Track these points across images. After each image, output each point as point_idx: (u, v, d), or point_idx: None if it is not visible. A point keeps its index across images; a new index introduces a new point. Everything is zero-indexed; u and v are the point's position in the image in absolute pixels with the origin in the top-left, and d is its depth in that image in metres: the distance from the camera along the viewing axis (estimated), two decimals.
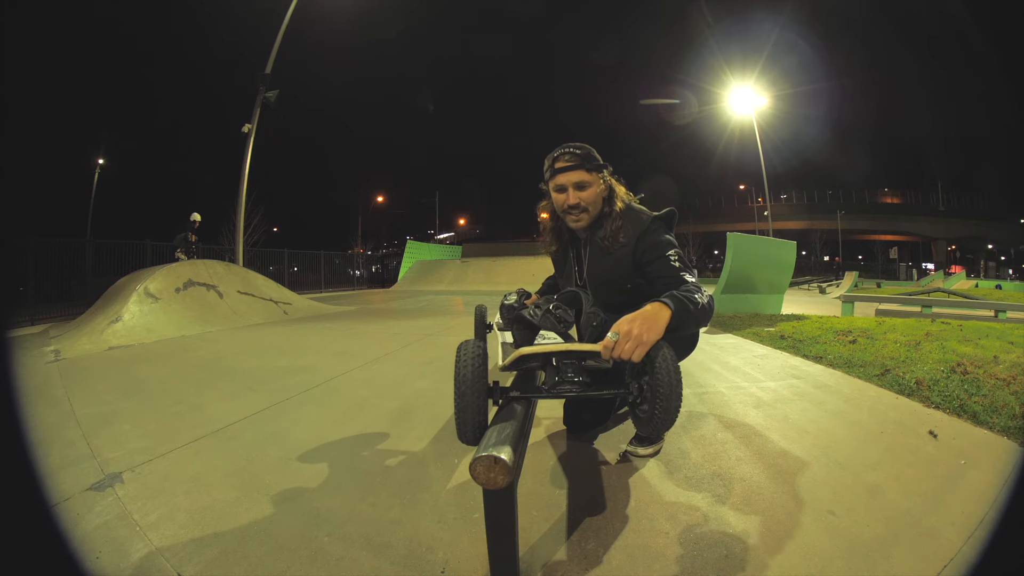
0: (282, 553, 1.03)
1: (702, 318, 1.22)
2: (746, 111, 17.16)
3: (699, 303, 1.20)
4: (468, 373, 0.98)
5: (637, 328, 1.05)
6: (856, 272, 20.79)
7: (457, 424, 0.99)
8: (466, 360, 0.99)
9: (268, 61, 9.33)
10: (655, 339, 1.05)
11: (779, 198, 48.61)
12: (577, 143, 1.45)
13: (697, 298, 1.20)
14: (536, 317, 1.25)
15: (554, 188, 1.48)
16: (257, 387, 2.47)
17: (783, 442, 1.59)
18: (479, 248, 23.59)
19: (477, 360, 1.00)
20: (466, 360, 0.99)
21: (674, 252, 1.38)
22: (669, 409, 0.99)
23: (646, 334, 1.04)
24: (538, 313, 1.26)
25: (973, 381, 2.18)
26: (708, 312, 1.24)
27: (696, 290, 1.24)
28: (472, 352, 1.00)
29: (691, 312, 1.16)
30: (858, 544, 1.03)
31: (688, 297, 1.18)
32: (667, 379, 0.98)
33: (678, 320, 1.11)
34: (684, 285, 1.27)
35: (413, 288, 14.87)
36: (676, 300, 1.14)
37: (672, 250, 1.38)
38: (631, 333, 1.04)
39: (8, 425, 0.81)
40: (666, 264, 1.36)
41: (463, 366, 0.99)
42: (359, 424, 1.85)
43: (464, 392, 0.97)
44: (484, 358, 1.02)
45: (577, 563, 0.99)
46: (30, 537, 0.77)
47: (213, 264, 6.04)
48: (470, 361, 0.99)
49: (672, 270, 1.35)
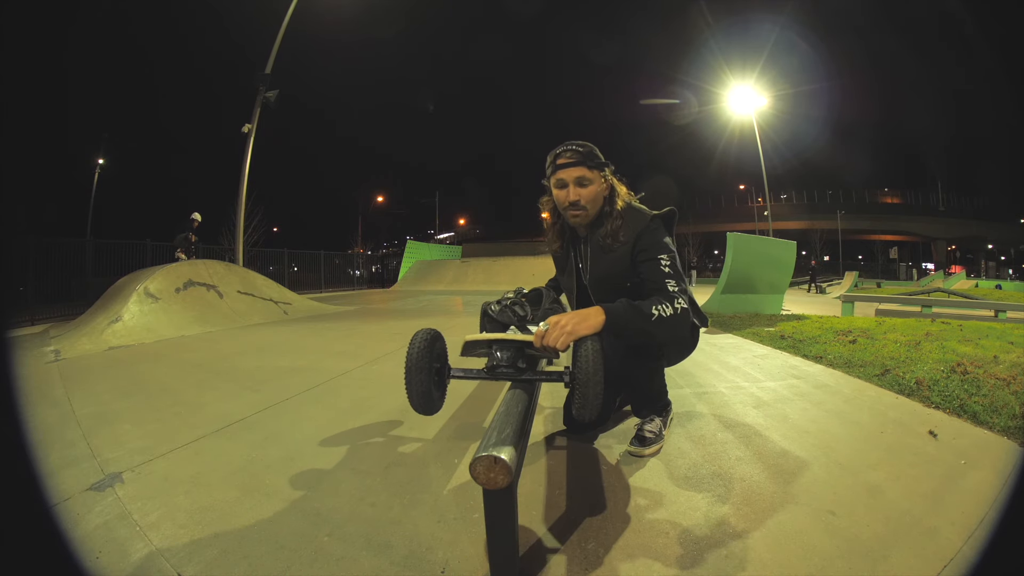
0: (282, 553, 1.03)
1: (657, 330, 1.22)
2: (746, 111, 17.16)
3: (654, 315, 1.21)
4: (414, 353, 1.20)
5: (566, 320, 1.15)
6: (856, 272, 20.80)
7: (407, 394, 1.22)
8: (415, 344, 1.21)
9: (268, 61, 9.33)
10: (582, 333, 1.13)
11: (779, 198, 48.63)
12: (580, 141, 1.46)
13: (656, 310, 1.22)
14: (495, 312, 1.39)
15: (555, 184, 1.49)
16: (257, 387, 2.47)
17: (783, 442, 1.59)
18: (479, 248, 23.62)
19: (424, 343, 1.21)
20: (415, 344, 1.21)
21: (666, 256, 1.38)
22: (587, 396, 1.07)
23: (573, 326, 1.14)
24: (497, 308, 1.40)
25: (973, 381, 2.18)
26: (670, 324, 1.24)
27: (663, 301, 1.25)
28: (421, 338, 1.22)
29: (633, 322, 1.20)
30: (858, 544, 1.03)
31: (637, 310, 1.21)
32: (586, 368, 1.08)
33: (612, 325, 1.18)
34: (663, 292, 1.30)
35: (413, 288, 14.87)
36: (617, 309, 1.20)
37: (665, 254, 1.38)
38: (559, 324, 1.14)
39: (8, 425, 0.81)
40: (655, 268, 1.36)
41: (411, 348, 1.21)
42: (359, 424, 1.85)
43: (410, 368, 1.19)
44: (431, 342, 1.23)
45: (577, 563, 0.99)
46: (30, 537, 0.77)
47: (213, 264, 6.04)
48: (417, 345, 1.21)
49: (659, 275, 1.35)
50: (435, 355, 1.26)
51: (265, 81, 9.17)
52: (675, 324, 1.25)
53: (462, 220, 57.98)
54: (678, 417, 1.84)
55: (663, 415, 1.63)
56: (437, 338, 1.27)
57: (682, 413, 1.90)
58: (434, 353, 1.25)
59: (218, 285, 5.61)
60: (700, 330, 1.63)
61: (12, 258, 6.14)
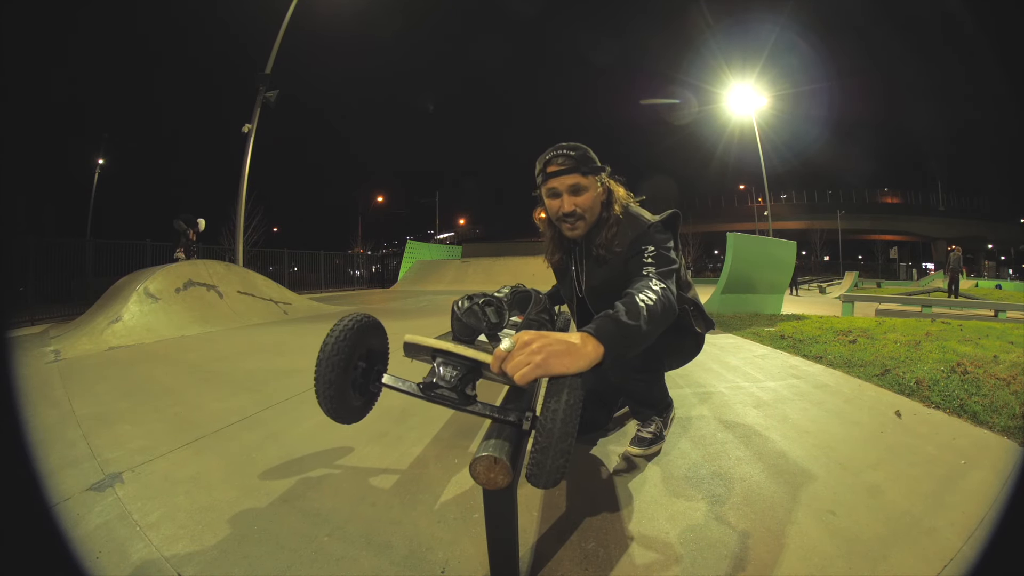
0: (282, 553, 1.03)
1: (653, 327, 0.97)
2: (746, 111, 17.16)
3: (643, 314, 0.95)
4: (329, 343, 0.97)
5: (539, 344, 0.81)
6: (856, 272, 20.80)
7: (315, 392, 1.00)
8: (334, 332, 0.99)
9: (268, 61, 9.33)
10: (557, 371, 0.80)
11: (779, 198, 48.62)
12: (572, 143, 1.32)
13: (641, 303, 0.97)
14: (461, 309, 1.11)
15: (547, 194, 1.35)
16: (257, 387, 2.47)
17: (783, 442, 1.59)
18: (479, 248, 23.58)
19: (347, 332, 0.99)
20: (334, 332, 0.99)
21: (652, 247, 1.22)
22: (544, 462, 0.74)
23: (545, 357, 0.80)
24: (464, 305, 1.12)
25: (973, 381, 2.18)
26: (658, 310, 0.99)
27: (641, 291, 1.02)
28: (344, 325, 0.99)
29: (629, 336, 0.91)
30: (858, 544, 1.03)
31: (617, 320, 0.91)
32: (551, 426, 0.75)
33: (613, 355, 0.87)
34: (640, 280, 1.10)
35: (413, 288, 14.87)
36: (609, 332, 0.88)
37: (650, 244, 1.22)
38: (528, 346, 0.81)
39: (8, 425, 0.81)
40: (638, 262, 1.20)
41: (329, 337, 0.98)
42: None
43: (320, 360, 0.97)
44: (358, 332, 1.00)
45: (577, 563, 0.99)
46: (30, 537, 0.77)
47: (213, 264, 6.03)
48: (337, 333, 0.98)
49: (639, 267, 1.18)
50: (361, 350, 1.02)
51: (265, 81, 9.16)
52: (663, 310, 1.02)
53: (462, 220, 58.02)
54: (678, 417, 1.84)
55: (663, 416, 1.62)
56: (370, 328, 1.03)
57: (682, 413, 1.90)
58: (360, 347, 1.01)
59: (218, 285, 5.60)
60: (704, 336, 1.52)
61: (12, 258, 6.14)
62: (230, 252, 11.34)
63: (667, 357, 1.52)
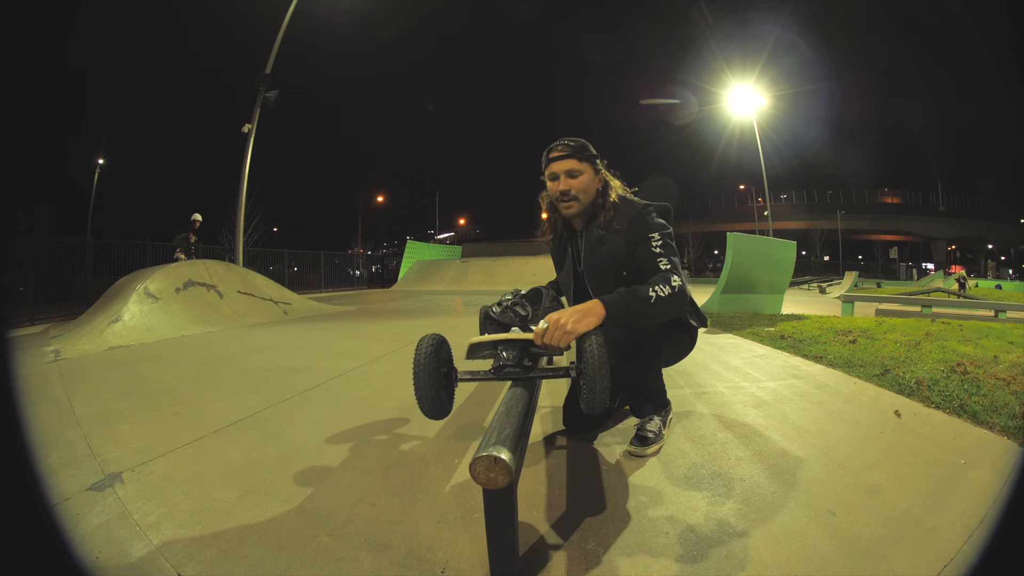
0: (282, 553, 1.03)
1: (657, 311, 1.26)
2: (746, 111, 17.17)
3: (652, 298, 1.24)
4: (421, 359, 1.19)
5: (565, 318, 1.16)
6: (856, 272, 20.81)
7: (417, 400, 1.20)
8: (421, 350, 1.21)
9: (268, 61, 9.34)
10: (583, 330, 1.15)
11: (779, 198, 48.59)
12: (572, 137, 1.52)
13: (653, 292, 1.24)
14: (497, 313, 1.41)
15: (548, 177, 1.55)
16: (257, 387, 2.47)
17: (783, 442, 1.59)
18: (479, 248, 23.57)
19: (431, 349, 1.21)
20: (421, 350, 1.21)
21: (657, 234, 1.41)
22: (595, 389, 1.09)
23: (573, 324, 1.15)
24: (499, 310, 1.42)
25: (973, 381, 2.18)
26: (669, 303, 1.26)
27: (659, 283, 1.27)
28: (427, 343, 1.22)
29: (632, 308, 1.22)
30: (858, 544, 1.02)
31: (634, 295, 1.23)
32: (592, 363, 1.09)
33: (612, 317, 1.20)
34: (658, 272, 1.33)
35: (413, 288, 14.87)
36: (615, 299, 1.22)
37: (655, 232, 1.41)
38: (559, 322, 1.16)
39: (8, 425, 0.81)
40: (647, 249, 1.40)
41: (419, 354, 1.20)
42: (359, 424, 1.85)
43: (418, 374, 1.18)
44: (437, 347, 1.23)
45: (577, 563, 0.99)
46: (30, 537, 0.77)
47: (213, 264, 6.04)
48: (424, 350, 1.20)
49: (651, 256, 1.38)
50: (442, 359, 1.27)
51: (265, 81, 9.17)
52: (674, 302, 1.28)
53: (462, 220, 57.99)
54: (678, 417, 1.84)
55: (662, 415, 1.63)
56: (443, 343, 1.28)
57: (682, 413, 1.90)
58: (441, 358, 1.26)
59: (218, 285, 5.61)
60: (699, 330, 1.63)
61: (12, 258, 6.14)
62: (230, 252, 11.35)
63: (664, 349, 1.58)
